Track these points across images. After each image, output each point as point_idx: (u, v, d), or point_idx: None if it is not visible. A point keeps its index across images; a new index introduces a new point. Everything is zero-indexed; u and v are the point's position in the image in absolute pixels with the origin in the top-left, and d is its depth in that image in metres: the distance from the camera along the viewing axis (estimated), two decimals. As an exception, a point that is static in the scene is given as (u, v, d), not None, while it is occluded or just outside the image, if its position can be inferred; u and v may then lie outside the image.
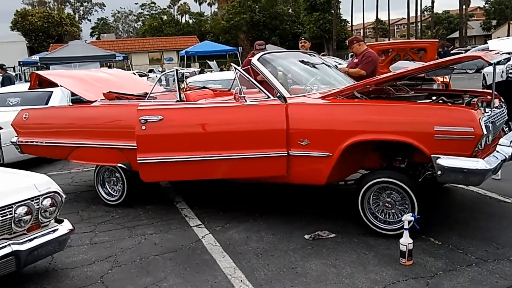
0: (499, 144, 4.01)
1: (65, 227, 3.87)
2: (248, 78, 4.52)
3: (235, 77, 4.66)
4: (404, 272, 3.49)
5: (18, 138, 6.08)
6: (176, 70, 5.04)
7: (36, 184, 3.73)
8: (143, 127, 4.46)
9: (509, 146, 4.03)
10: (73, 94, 7.28)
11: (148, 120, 4.45)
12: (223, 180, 5.34)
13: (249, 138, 4.36)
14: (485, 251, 3.78)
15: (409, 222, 3.61)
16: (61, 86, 6.01)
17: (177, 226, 4.75)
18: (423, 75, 7.17)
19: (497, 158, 3.84)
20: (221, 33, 56.61)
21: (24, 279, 3.75)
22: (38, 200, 3.64)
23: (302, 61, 5.35)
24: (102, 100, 5.61)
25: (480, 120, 3.63)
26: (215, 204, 5.35)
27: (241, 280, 3.51)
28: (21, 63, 23.81)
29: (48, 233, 3.73)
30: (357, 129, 4.04)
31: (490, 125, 3.81)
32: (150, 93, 5.26)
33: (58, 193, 3.81)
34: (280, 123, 4.27)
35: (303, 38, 8.02)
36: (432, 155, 3.78)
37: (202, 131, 4.48)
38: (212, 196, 5.72)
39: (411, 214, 3.67)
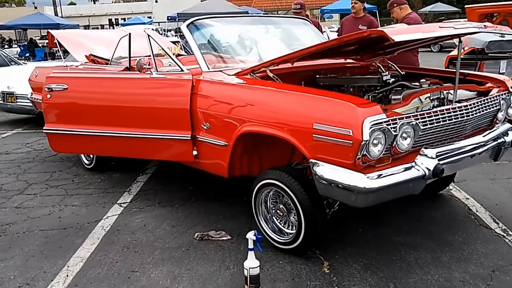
0: (420, 154, 2.91)
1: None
2: (160, 45, 3.98)
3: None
4: (232, 303, 2.80)
5: (31, 95, 6.37)
6: (131, 33, 4.66)
7: None
8: (48, 96, 4.24)
9: (434, 158, 2.90)
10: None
11: (54, 89, 4.22)
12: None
13: (152, 116, 3.87)
14: (367, 294, 2.84)
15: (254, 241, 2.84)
16: (58, 44, 6.05)
17: (105, 201, 4.53)
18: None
19: (398, 174, 2.79)
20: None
21: None
22: None
23: (260, 29, 4.54)
24: (85, 63, 5.53)
25: (365, 121, 2.64)
26: (176, 182, 4.99)
27: (67, 276, 3.16)
28: (169, 18, 25.27)
29: None
30: (245, 117, 3.30)
31: (399, 128, 2.77)
32: (112, 58, 4.99)
33: None
34: (183, 101, 3.70)
35: (356, -3, 6.87)
36: (311, 160, 2.91)
37: (103, 104, 4.09)
38: (188, 172, 5.31)
39: (254, 231, 2.85)
